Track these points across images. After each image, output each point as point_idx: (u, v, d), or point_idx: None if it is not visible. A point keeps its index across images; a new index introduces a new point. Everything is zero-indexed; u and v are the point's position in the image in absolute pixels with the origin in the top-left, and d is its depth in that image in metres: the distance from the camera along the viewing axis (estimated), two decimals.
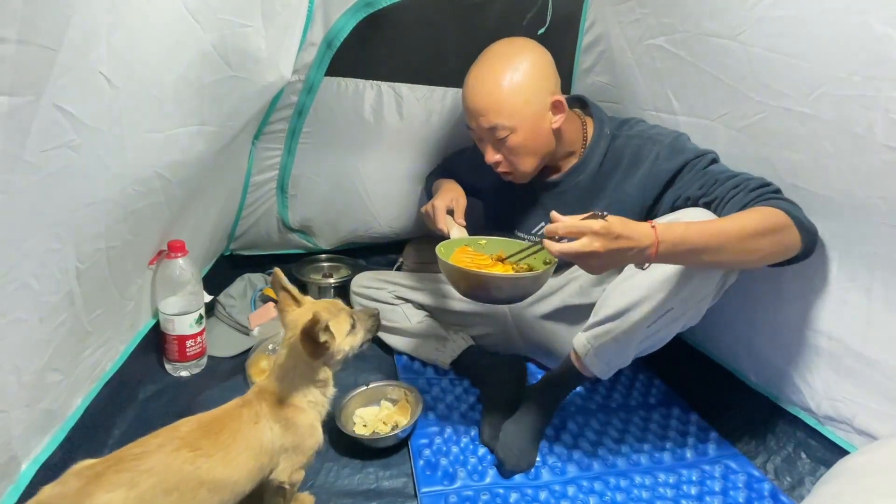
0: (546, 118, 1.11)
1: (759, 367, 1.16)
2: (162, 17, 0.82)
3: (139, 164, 0.89)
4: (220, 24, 0.92)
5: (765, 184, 0.95)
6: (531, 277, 0.96)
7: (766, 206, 0.90)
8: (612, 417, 1.19)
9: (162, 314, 1.20)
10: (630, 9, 1.24)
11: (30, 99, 0.64)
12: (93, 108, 0.74)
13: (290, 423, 0.82)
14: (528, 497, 0.98)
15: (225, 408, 0.81)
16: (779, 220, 0.88)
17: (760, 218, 0.87)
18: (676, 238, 0.82)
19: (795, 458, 1.05)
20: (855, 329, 0.95)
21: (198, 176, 1.10)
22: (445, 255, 1.04)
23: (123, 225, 0.92)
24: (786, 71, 0.92)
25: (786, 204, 0.91)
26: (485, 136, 1.12)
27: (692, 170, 1.03)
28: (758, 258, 0.88)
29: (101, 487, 0.65)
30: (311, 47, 1.29)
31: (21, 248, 0.70)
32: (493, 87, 1.08)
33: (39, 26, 0.61)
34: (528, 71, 1.08)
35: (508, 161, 1.14)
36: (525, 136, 1.09)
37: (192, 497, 0.70)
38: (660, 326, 0.96)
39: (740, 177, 0.98)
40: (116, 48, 0.74)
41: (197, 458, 0.71)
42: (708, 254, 0.85)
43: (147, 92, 0.84)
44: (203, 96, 0.97)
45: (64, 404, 0.91)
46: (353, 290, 1.41)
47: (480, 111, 1.09)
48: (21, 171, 0.66)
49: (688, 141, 1.09)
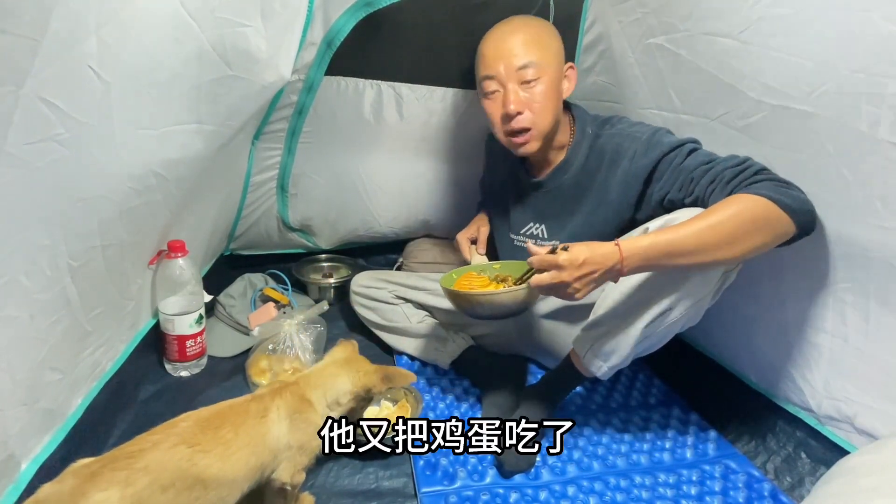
0: (562, 81, 1.14)
1: (759, 367, 1.16)
2: (156, 13, 0.81)
3: (133, 161, 0.88)
4: (219, 22, 0.92)
5: (741, 170, 0.91)
6: (508, 293, 0.99)
7: (744, 195, 0.86)
8: (612, 417, 1.19)
9: (162, 314, 1.20)
10: (631, 8, 1.24)
11: (10, 89, 0.63)
12: (81, 102, 0.73)
13: (302, 419, 0.82)
14: (528, 497, 0.98)
15: (232, 402, 0.82)
16: (758, 210, 0.84)
17: (737, 210, 0.84)
18: (641, 251, 0.84)
19: (795, 458, 1.05)
20: (854, 328, 0.95)
21: (196, 175, 1.10)
22: (447, 280, 1.12)
23: (119, 223, 0.91)
24: (787, 69, 0.92)
25: (766, 187, 0.86)
26: (509, 81, 1.09)
27: (669, 165, 1.01)
28: (748, 250, 0.85)
29: (96, 486, 0.65)
30: (311, 47, 1.29)
31: (9, 243, 0.70)
32: (527, 31, 1.11)
33: (19, 15, 0.60)
34: (552, 31, 1.15)
35: (532, 110, 1.09)
36: (549, 86, 1.10)
37: (188, 494, 0.69)
38: (658, 326, 0.96)
39: (715, 168, 0.94)
40: (106, 42, 0.73)
41: (194, 454, 0.71)
42: (687, 257, 0.84)
43: (140, 89, 0.83)
44: (201, 95, 0.96)
45: (64, 404, 0.91)
46: (353, 289, 1.41)
47: (513, 49, 1.09)
48: (4, 164, 0.65)
49: (665, 135, 1.05)
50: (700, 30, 1.06)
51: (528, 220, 1.26)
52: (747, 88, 1.00)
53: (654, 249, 0.84)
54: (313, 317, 1.31)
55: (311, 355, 1.25)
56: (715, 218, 0.84)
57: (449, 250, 1.59)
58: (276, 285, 1.56)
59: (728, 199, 0.86)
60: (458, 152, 1.57)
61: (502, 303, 1.00)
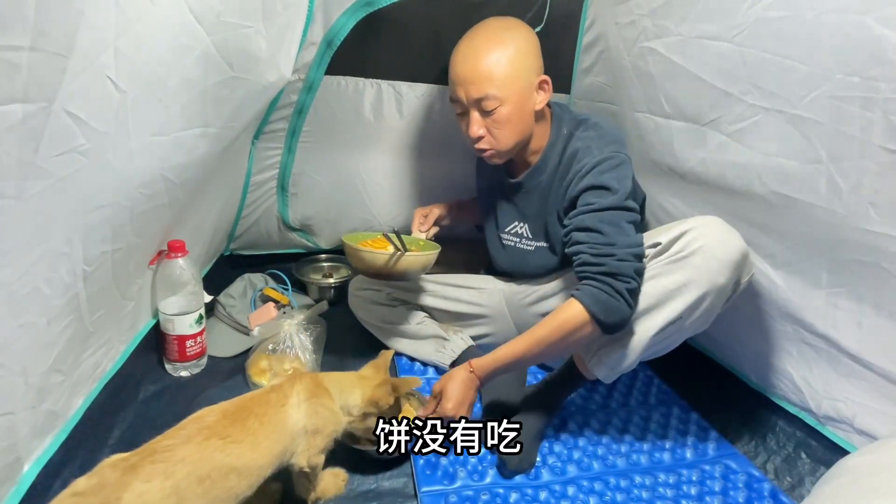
0: (532, 97, 1.12)
1: (759, 367, 1.16)
2: (167, 21, 0.82)
3: (145, 167, 0.90)
4: (223, 26, 0.92)
5: (595, 262, 0.97)
6: (370, 253, 1.14)
7: (572, 300, 0.97)
8: (612, 417, 1.19)
9: (162, 314, 1.20)
10: (628, 10, 1.23)
11: (42, 105, 0.64)
12: (101, 112, 0.75)
13: (318, 403, 0.85)
14: (528, 497, 0.98)
15: (252, 394, 0.85)
16: (572, 322, 0.96)
17: (559, 324, 0.97)
18: (489, 367, 1.02)
19: (795, 458, 1.06)
20: (848, 333, 0.95)
21: (200, 177, 1.10)
22: (353, 238, 1.23)
23: (129, 227, 0.93)
24: (782, 73, 0.92)
25: (591, 293, 0.95)
26: (471, 108, 1.11)
27: (582, 204, 1.04)
28: (570, 350, 1.07)
29: (137, 478, 0.67)
30: (312, 46, 1.29)
31: (34, 252, 0.71)
32: (487, 57, 1.08)
33: (50, 33, 0.62)
34: (520, 46, 1.10)
35: (492, 135, 1.12)
36: (512, 110, 1.09)
37: (222, 483, 0.72)
38: (668, 334, 0.96)
39: (584, 245, 1.00)
40: (123, 52, 0.75)
41: (227, 445, 0.74)
42: (529, 361, 1.03)
43: (153, 95, 0.85)
44: (206, 98, 0.97)
45: (65, 405, 0.91)
46: (352, 291, 1.41)
47: (471, 80, 1.08)
48: (34, 177, 0.67)
49: (612, 168, 1.04)
50: (694, 33, 1.06)
51: (513, 220, 1.28)
52: (740, 93, 0.99)
53: (499, 363, 1.02)
54: (313, 317, 1.31)
55: (311, 355, 1.24)
56: (548, 330, 0.98)
57: (449, 249, 1.58)
58: (276, 285, 1.56)
59: (562, 309, 0.98)
60: (458, 150, 1.56)
61: (363, 259, 1.15)
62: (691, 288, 0.92)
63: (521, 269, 1.31)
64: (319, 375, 0.91)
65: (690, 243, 0.93)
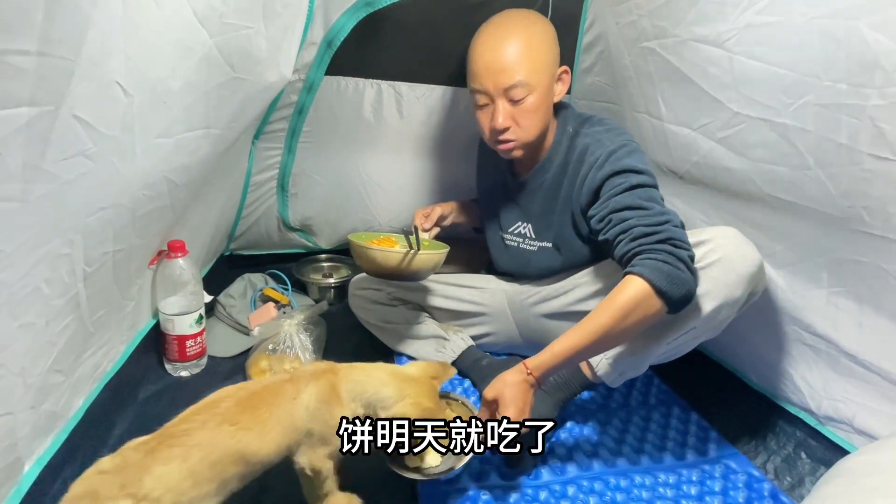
0: (553, 87, 1.11)
1: (759, 367, 1.16)
2: (173, 24, 0.82)
3: (149, 169, 0.90)
4: (225, 27, 0.92)
5: (650, 232, 0.92)
6: (381, 251, 1.12)
7: (630, 277, 0.89)
8: (612, 417, 1.19)
9: (162, 314, 1.20)
10: (628, 10, 1.23)
11: (49, 109, 0.65)
12: (107, 116, 0.75)
13: (326, 411, 0.84)
14: (528, 497, 0.98)
15: (268, 382, 0.85)
16: (635, 301, 0.87)
17: (620, 306, 0.88)
18: (547, 365, 0.91)
19: (795, 458, 1.06)
20: (848, 333, 0.95)
21: (201, 178, 1.11)
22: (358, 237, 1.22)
23: (131, 228, 0.93)
24: (768, 80, 0.91)
25: (654, 266, 0.88)
26: (498, 97, 1.07)
27: (609, 189, 1.00)
28: (629, 338, 0.95)
29: (157, 460, 0.70)
30: (312, 47, 1.29)
31: (36, 253, 0.71)
32: (516, 45, 1.05)
33: (58, 38, 0.62)
34: (545, 34, 1.10)
35: (518, 125, 1.09)
36: (540, 99, 1.08)
37: (232, 469, 0.74)
38: (680, 343, 0.97)
39: (631, 221, 0.95)
40: (132, 57, 0.75)
41: (237, 431, 0.76)
42: (587, 354, 0.93)
43: (157, 98, 0.85)
44: (209, 99, 0.97)
45: (66, 405, 0.91)
46: (352, 291, 1.41)
47: (501, 67, 1.05)
48: (40, 180, 0.67)
49: (629, 153, 1.02)
50: (689, 36, 1.05)
51: (516, 220, 1.27)
52: (727, 100, 0.98)
53: (557, 358, 0.91)
54: (313, 317, 1.31)
55: (311, 355, 1.24)
56: (609, 312, 0.89)
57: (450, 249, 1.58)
58: (276, 285, 1.56)
59: (619, 289, 0.90)
60: (458, 151, 1.56)
61: (374, 259, 1.12)
62: (708, 300, 0.92)
63: (524, 269, 1.30)
64: (341, 375, 0.88)
65: (708, 255, 0.93)
